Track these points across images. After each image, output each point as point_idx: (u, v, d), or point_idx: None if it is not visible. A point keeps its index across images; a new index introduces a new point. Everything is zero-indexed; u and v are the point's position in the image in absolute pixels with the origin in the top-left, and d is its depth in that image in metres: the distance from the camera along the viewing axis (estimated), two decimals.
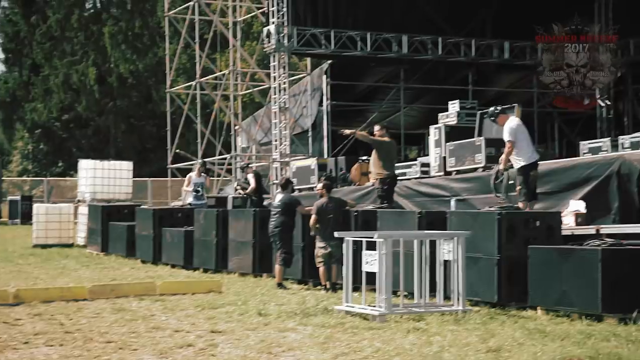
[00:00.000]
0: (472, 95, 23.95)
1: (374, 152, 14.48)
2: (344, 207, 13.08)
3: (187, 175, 19.20)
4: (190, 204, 18.45)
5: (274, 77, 22.29)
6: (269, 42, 21.91)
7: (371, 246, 9.89)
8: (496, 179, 12.31)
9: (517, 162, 12.24)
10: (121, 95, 42.70)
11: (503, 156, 12.37)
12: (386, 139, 14.36)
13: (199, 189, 18.45)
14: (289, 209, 13.42)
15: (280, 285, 13.09)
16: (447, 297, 10.16)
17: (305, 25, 22.22)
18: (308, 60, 26.24)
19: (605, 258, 9.13)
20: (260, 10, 26.28)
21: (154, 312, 10.42)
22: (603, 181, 13.66)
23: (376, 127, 14.70)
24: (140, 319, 9.76)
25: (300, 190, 20.46)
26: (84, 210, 22.69)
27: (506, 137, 12.33)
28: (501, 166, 12.35)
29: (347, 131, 15.24)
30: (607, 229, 11.48)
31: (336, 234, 10.88)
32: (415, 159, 20.33)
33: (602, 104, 25.39)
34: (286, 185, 13.99)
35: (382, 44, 22.82)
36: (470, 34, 23.65)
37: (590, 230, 11.56)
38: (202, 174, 18.71)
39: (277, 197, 14.08)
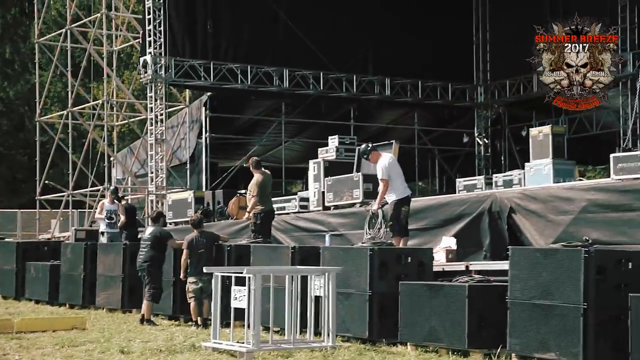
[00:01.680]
0: (354, 130, 24.12)
1: (249, 186, 14.23)
2: (217, 242, 12.78)
3: (100, 202, 18.65)
4: (102, 232, 17.78)
5: (151, 108, 21.85)
6: (146, 72, 21.50)
7: (242, 281, 9.63)
8: (371, 218, 12.31)
9: (389, 197, 12.24)
10: None
11: (379, 195, 12.35)
12: (259, 175, 14.08)
13: (113, 216, 17.81)
14: (159, 242, 13.03)
15: (148, 321, 12.69)
16: (318, 333, 9.98)
17: (184, 57, 21.93)
18: (187, 91, 25.85)
19: (471, 294, 9.17)
20: (137, 40, 25.76)
21: (8, 351, 9.86)
22: (475, 218, 13.87)
23: (251, 166, 14.32)
24: None
25: (176, 223, 20.04)
26: None
27: (380, 175, 12.34)
28: (375, 207, 12.33)
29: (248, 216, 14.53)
30: (476, 265, 11.59)
31: (205, 269, 10.57)
32: (296, 193, 20.24)
33: (481, 142, 26.08)
34: (157, 218, 13.60)
35: (262, 77, 22.73)
36: (351, 70, 23.84)
37: (460, 266, 11.65)
38: (115, 200, 18.08)
39: (147, 230, 13.65)
